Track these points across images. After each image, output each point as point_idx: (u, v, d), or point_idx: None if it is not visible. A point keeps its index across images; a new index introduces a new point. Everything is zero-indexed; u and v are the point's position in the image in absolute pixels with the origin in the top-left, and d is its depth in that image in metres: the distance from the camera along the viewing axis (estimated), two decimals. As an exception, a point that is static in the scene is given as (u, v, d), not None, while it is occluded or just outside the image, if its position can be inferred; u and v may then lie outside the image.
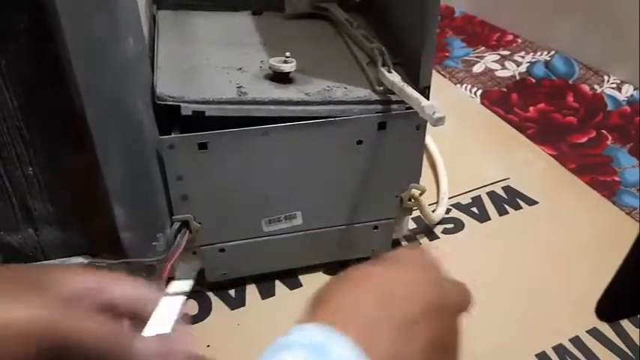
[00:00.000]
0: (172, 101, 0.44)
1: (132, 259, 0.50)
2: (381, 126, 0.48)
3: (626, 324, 0.54)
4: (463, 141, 0.78)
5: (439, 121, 0.41)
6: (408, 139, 0.50)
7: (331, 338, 0.24)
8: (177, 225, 0.48)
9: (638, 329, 0.54)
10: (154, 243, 0.50)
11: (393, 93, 0.47)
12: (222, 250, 0.52)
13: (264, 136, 0.46)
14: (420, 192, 0.54)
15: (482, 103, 0.89)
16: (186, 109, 0.44)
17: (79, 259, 0.51)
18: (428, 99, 0.45)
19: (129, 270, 0.51)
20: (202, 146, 0.45)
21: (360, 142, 0.48)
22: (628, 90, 0.88)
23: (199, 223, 0.49)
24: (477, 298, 0.58)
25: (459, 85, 0.93)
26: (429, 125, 0.50)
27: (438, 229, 0.64)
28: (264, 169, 0.47)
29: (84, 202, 0.49)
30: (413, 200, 0.54)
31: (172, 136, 0.45)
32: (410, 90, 0.44)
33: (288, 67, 0.47)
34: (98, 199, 0.47)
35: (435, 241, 0.63)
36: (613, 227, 0.65)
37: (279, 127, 0.46)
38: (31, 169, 0.46)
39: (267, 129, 0.45)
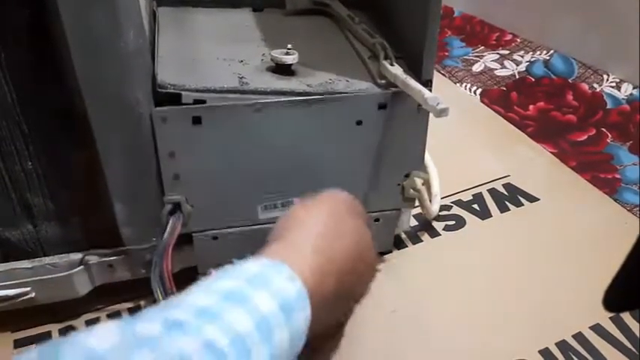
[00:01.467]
0: (173, 89, 0.43)
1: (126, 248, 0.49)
2: (382, 106, 0.47)
3: (629, 320, 0.54)
4: (464, 138, 0.78)
5: (443, 112, 0.40)
6: (409, 121, 0.48)
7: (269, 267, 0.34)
8: (169, 207, 0.46)
9: (639, 324, 0.53)
10: (154, 239, 0.49)
11: (395, 86, 0.47)
12: (215, 237, 0.50)
13: (258, 112, 0.44)
14: (422, 181, 0.53)
15: (482, 102, 0.89)
16: (188, 97, 0.43)
17: (79, 255, 0.50)
18: (430, 91, 0.44)
19: (128, 267, 0.51)
20: (196, 120, 0.43)
21: (359, 123, 0.47)
22: (627, 89, 0.88)
23: (192, 206, 0.47)
24: (478, 295, 0.58)
25: (458, 84, 0.93)
26: (430, 124, 0.50)
27: (439, 226, 0.64)
28: (259, 147, 0.45)
29: (84, 197, 0.48)
30: (415, 190, 0.53)
31: (165, 107, 0.43)
32: (413, 82, 0.44)
33: (291, 59, 0.47)
34: (98, 195, 0.47)
35: (436, 238, 0.63)
36: (615, 224, 0.65)
37: (275, 102, 0.44)
38: (30, 163, 0.46)
39: (262, 104, 0.44)
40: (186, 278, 0.39)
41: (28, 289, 0.49)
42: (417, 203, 0.57)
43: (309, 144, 0.47)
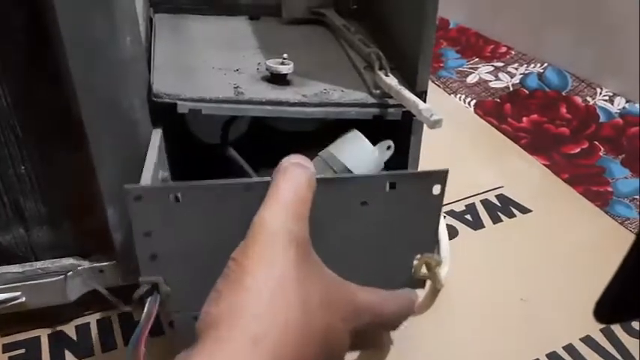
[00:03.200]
0: (169, 99, 0.43)
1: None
2: (391, 186, 0.41)
3: (619, 332, 0.54)
4: (457, 149, 0.79)
5: (437, 124, 0.41)
6: (420, 204, 0.42)
7: None
8: (145, 288, 0.41)
9: (630, 337, 0.54)
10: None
11: (390, 96, 0.47)
12: (196, 318, 0.39)
13: (247, 192, 0.38)
14: (435, 263, 0.46)
15: (476, 113, 0.89)
16: (183, 107, 0.43)
17: (70, 261, 0.50)
18: (425, 103, 0.45)
19: (119, 272, 0.51)
20: (176, 198, 0.38)
21: (364, 204, 0.41)
22: (620, 102, 0.89)
23: (170, 287, 0.41)
24: (469, 306, 0.58)
25: (453, 95, 0.94)
26: (424, 134, 0.50)
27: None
28: (247, 224, 0.37)
29: (76, 202, 0.48)
30: (427, 271, 0.45)
31: (139, 185, 0.39)
32: (407, 93, 0.45)
33: (286, 69, 0.47)
34: (91, 200, 0.47)
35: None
36: (607, 237, 0.65)
37: (264, 181, 0.38)
38: (23, 167, 0.46)
39: (250, 184, 0.38)
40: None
41: (19, 293, 0.48)
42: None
43: None
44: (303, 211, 0.35)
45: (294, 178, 0.36)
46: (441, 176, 0.41)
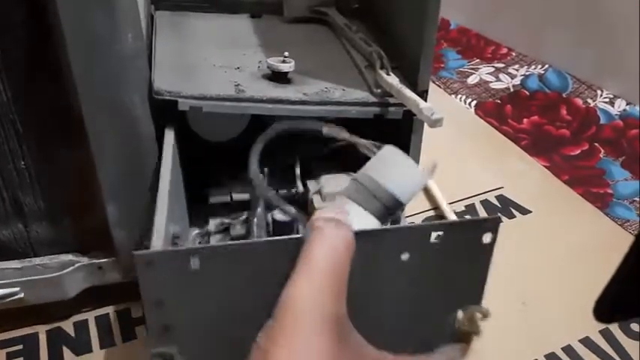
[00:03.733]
0: (170, 96, 0.43)
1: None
2: (437, 236, 0.36)
3: (618, 333, 0.54)
4: (458, 150, 0.79)
5: (437, 122, 0.41)
6: (468, 254, 0.38)
7: None
8: None
9: (629, 338, 0.54)
10: (145, 242, 0.49)
11: (391, 95, 0.47)
12: None
13: (273, 251, 0.33)
14: (482, 315, 0.40)
15: (477, 114, 0.89)
16: (184, 105, 0.43)
17: (69, 257, 0.50)
18: (426, 102, 0.44)
19: (118, 269, 0.51)
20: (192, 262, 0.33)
21: (406, 256, 0.36)
22: (621, 104, 0.89)
23: (185, 357, 0.36)
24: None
25: (453, 96, 0.94)
26: (424, 134, 0.50)
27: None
28: (271, 286, 0.33)
29: (76, 198, 0.48)
30: (469, 324, 0.41)
31: (151, 251, 0.35)
32: (408, 92, 0.45)
33: (287, 67, 0.47)
34: (90, 196, 0.47)
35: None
36: (606, 238, 0.65)
37: (294, 240, 0.33)
38: (23, 163, 0.46)
39: (277, 242, 0.33)
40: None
41: (17, 289, 0.48)
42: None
43: None
44: (341, 283, 0.30)
45: (329, 241, 0.30)
46: (493, 224, 0.36)
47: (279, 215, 0.48)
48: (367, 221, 0.36)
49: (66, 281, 0.49)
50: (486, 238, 0.37)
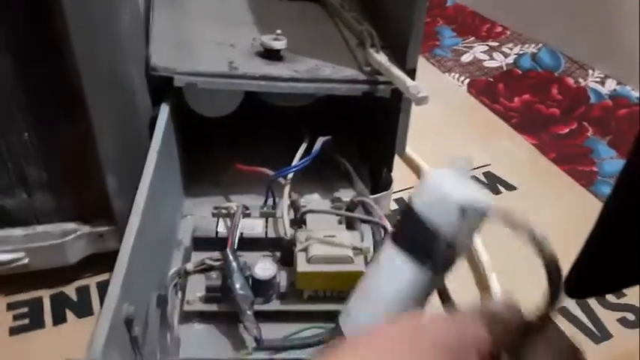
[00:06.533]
0: (166, 72, 0.45)
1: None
2: None
3: (592, 303, 0.57)
4: (448, 127, 0.80)
5: (423, 100, 0.43)
6: None
7: None
8: None
9: (604, 308, 0.56)
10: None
11: (380, 74, 0.49)
12: None
13: None
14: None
15: (469, 92, 0.91)
16: (179, 81, 0.45)
17: (71, 225, 0.52)
18: (414, 80, 0.46)
19: (118, 237, 0.53)
20: None
21: None
22: (611, 84, 0.91)
23: None
24: (452, 278, 0.60)
25: (447, 74, 0.95)
26: (415, 111, 0.52)
27: None
28: None
29: (77, 169, 0.50)
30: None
31: None
32: (396, 70, 0.46)
33: (279, 45, 0.49)
34: (91, 167, 0.49)
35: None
36: (589, 214, 0.66)
37: None
38: (26, 134, 0.47)
39: None
40: None
41: (22, 254, 0.51)
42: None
43: None
44: None
45: None
46: None
47: (259, 272, 0.44)
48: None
49: (68, 248, 0.52)
50: None
